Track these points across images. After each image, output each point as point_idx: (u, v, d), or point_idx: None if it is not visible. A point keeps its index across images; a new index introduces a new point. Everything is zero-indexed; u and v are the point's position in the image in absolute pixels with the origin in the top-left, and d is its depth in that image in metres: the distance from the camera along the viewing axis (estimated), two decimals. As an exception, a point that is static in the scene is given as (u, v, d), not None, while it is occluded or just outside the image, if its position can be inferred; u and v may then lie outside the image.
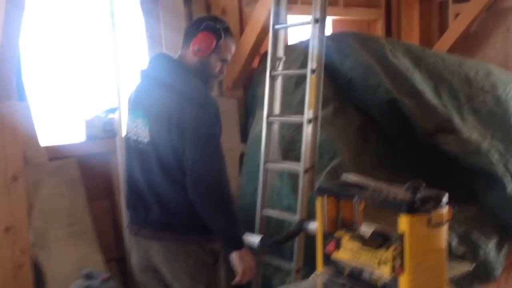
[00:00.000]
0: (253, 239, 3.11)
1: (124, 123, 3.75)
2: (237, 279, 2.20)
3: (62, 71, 3.62)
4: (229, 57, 2.25)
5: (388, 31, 5.17)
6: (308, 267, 2.97)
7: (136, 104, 2.18)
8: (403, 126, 3.48)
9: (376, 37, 4.03)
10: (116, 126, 3.77)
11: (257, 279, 3.28)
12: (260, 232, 3.21)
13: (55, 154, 3.39)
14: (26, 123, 3.25)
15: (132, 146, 2.17)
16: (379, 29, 5.11)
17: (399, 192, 1.85)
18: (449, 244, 2.96)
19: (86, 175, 3.63)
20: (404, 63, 3.62)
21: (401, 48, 3.74)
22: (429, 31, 5.24)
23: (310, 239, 2.95)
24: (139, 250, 2.26)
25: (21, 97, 3.23)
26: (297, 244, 2.98)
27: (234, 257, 2.17)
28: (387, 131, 3.59)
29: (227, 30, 2.22)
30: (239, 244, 2.21)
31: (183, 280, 2.17)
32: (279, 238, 3.03)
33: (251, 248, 3.23)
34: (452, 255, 2.82)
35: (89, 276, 2.98)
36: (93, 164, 3.68)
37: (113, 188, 3.79)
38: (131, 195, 2.22)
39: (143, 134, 2.11)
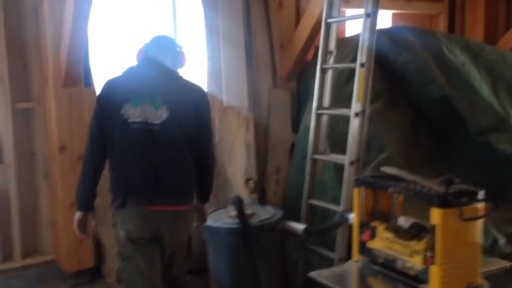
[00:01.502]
0: (298, 227, 3.22)
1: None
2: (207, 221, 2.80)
3: (126, 57, 3.83)
4: None
5: (451, 26, 5.04)
6: (351, 256, 3.03)
7: (140, 93, 2.39)
8: (456, 123, 3.43)
9: (433, 32, 3.97)
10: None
11: (301, 267, 3.38)
12: (305, 221, 3.30)
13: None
14: (91, 107, 3.48)
15: (137, 129, 2.36)
16: (441, 24, 4.99)
17: (434, 185, 1.88)
18: (496, 243, 2.92)
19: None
20: (460, 59, 3.55)
21: (459, 44, 3.66)
22: (495, 27, 5.05)
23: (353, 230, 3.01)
24: (145, 219, 2.40)
25: (87, 82, 3.47)
26: (340, 234, 3.04)
27: (206, 207, 2.74)
28: (439, 128, 3.54)
29: None
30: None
31: (179, 235, 2.52)
32: (322, 228, 3.12)
33: (295, 235, 3.34)
34: (498, 253, 2.78)
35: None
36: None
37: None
38: (136, 171, 2.38)
39: (154, 117, 2.36)
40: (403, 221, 2.14)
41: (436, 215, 1.76)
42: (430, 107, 3.48)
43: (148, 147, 2.35)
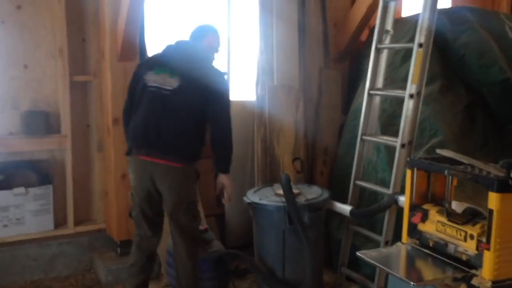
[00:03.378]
0: (345, 208, 3.20)
1: (232, 87, 4.01)
2: (227, 196, 2.94)
3: (179, 33, 3.87)
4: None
5: (514, 7, 4.81)
6: (397, 240, 2.98)
7: (163, 64, 2.82)
8: (516, 109, 3.29)
9: (496, 13, 3.79)
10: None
11: (346, 247, 3.37)
12: (352, 202, 3.27)
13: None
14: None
15: (151, 91, 2.76)
16: (504, 4, 4.77)
17: (493, 169, 1.81)
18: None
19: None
20: (524, 42, 3.39)
21: (523, 25, 3.49)
22: (562, 8, 4.78)
23: (400, 213, 2.96)
24: (144, 169, 2.78)
25: (142, 56, 3.53)
26: (388, 216, 3.00)
27: (223, 178, 2.90)
28: (497, 112, 3.40)
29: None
30: (229, 169, 2.92)
31: (176, 189, 2.76)
32: (370, 209, 3.07)
33: (341, 216, 3.32)
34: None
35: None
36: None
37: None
38: (142, 125, 2.75)
39: (168, 84, 2.74)
40: (456, 206, 2.09)
41: (494, 200, 1.70)
42: (489, 90, 3.34)
43: (157, 107, 2.73)
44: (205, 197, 3.86)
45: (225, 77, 2.90)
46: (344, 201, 3.32)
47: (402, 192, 2.92)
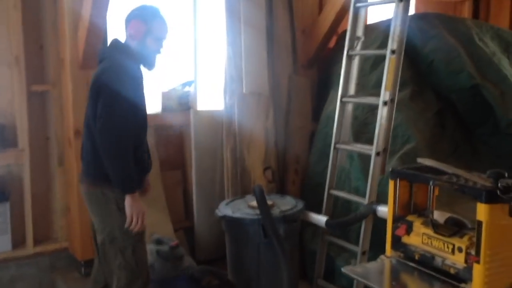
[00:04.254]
0: (320, 218, 3.13)
1: (200, 96, 3.90)
2: (126, 223, 2.33)
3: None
4: (162, 36, 2.49)
5: (476, 14, 4.90)
6: (373, 250, 2.94)
7: None
8: (485, 114, 3.31)
9: (463, 19, 3.83)
10: (191, 99, 3.88)
11: (321, 258, 3.30)
12: (326, 212, 3.21)
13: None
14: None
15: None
16: (466, 11, 4.86)
17: (479, 179, 1.77)
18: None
19: (160, 145, 3.77)
20: (491, 48, 3.42)
21: (489, 31, 3.53)
22: (521, 15, 4.91)
23: (377, 223, 2.91)
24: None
25: (105, 65, 3.36)
26: (364, 226, 2.94)
27: (126, 200, 2.34)
28: (467, 118, 3.42)
29: (153, 15, 2.48)
30: (129, 188, 2.35)
31: (97, 219, 2.46)
32: (347, 219, 3.02)
33: (317, 227, 3.25)
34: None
35: (159, 242, 3.12)
36: (167, 135, 3.81)
37: (185, 160, 3.91)
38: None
39: None
40: (438, 216, 2.05)
41: (483, 211, 1.66)
42: (458, 96, 3.36)
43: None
44: (173, 210, 3.73)
45: (125, 77, 2.36)
46: (317, 211, 3.25)
47: (378, 201, 2.89)
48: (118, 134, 2.27)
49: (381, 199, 2.89)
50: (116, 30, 3.50)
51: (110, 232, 2.38)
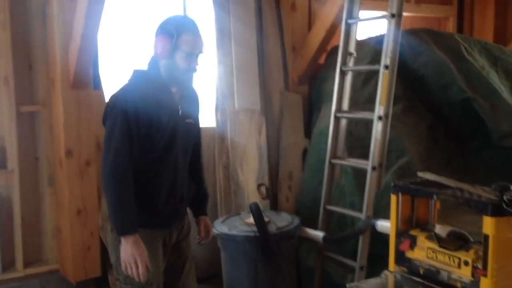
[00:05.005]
0: (317, 234, 3.11)
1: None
2: (122, 269, 2.10)
3: (134, 61, 3.71)
4: (194, 50, 2.16)
5: (460, 29, 4.99)
6: (370, 265, 2.93)
7: None
8: (476, 127, 3.35)
9: (451, 34, 3.90)
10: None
11: (319, 274, 3.27)
12: (322, 228, 3.20)
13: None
14: (100, 111, 3.34)
15: None
16: (450, 27, 4.95)
17: (483, 192, 1.78)
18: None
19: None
20: (479, 62, 3.48)
21: (477, 46, 3.60)
22: (504, 30, 5.01)
23: (373, 238, 2.91)
24: None
25: (96, 85, 3.35)
26: (362, 241, 2.93)
27: (122, 243, 2.09)
28: (459, 132, 3.46)
29: (180, 28, 2.15)
30: (121, 229, 2.09)
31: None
32: (345, 234, 3.01)
33: (313, 243, 3.23)
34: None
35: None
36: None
37: (178, 177, 3.86)
38: None
39: None
40: (440, 229, 2.04)
41: (489, 224, 1.66)
42: (450, 110, 3.40)
43: None
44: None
45: (119, 96, 2.15)
46: (312, 226, 3.25)
47: (375, 215, 2.89)
48: (110, 165, 2.06)
49: (378, 213, 2.89)
50: (107, 50, 3.50)
51: (116, 269, 2.21)
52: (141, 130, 2.10)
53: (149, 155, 2.16)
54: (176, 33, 2.13)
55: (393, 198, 2.03)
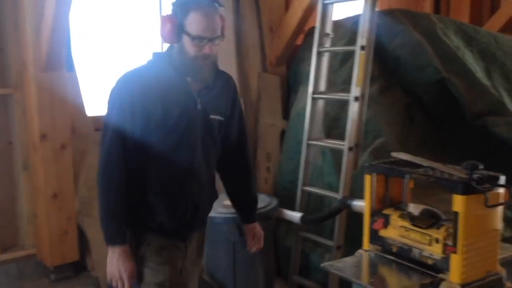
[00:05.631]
0: (295, 215, 3.13)
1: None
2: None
3: (110, 42, 3.65)
4: (204, 33, 1.79)
5: (437, 9, 5.01)
6: (347, 244, 2.97)
7: None
8: (451, 107, 3.39)
9: (427, 15, 3.90)
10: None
11: (297, 255, 3.31)
12: (300, 209, 3.22)
13: (101, 124, 3.42)
14: (74, 93, 3.31)
15: None
16: (427, 6, 4.97)
17: (454, 171, 1.80)
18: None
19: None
20: (455, 42, 3.51)
21: (453, 26, 3.61)
22: (480, 10, 5.05)
23: (350, 217, 2.95)
24: None
25: (70, 67, 3.28)
26: (339, 221, 2.97)
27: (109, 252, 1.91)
28: (434, 112, 3.50)
29: (186, 6, 1.81)
30: (107, 238, 1.89)
31: None
32: (321, 215, 3.03)
33: (291, 223, 3.25)
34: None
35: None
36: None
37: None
38: None
39: None
40: (413, 208, 2.07)
41: (459, 202, 1.69)
42: (426, 90, 3.43)
43: None
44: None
45: (119, 82, 1.90)
46: (290, 207, 3.27)
47: (351, 195, 2.92)
48: (100, 168, 1.87)
49: (354, 193, 2.92)
50: (80, 31, 3.43)
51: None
52: (137, 123, 1.83)
53: (147, 154, 1.88)
54: (181, 12, 1.80)
55: (366, 178, 2.05)
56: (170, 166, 1.91)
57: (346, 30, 3.57)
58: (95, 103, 3.58)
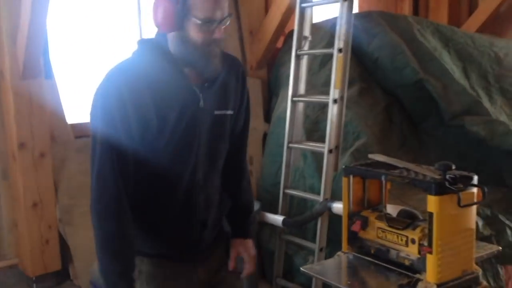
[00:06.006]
0: (277, 218, 3.14)
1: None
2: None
3: (88, 49, 3.63)
4: (214, 14, 1.50)
5: (416, 10, 5.07)
6: (330, 246, 2.98)
7: None
8: (430, 107, 3.43)
9: (404, 16, 3.95)
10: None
11: (280, 257, 3.31)
12: (282, 212, 3.23)
13: (82, 131, 3.42)
14: (53, 100, 3.29)
15: None
16: (406, 7, 5.02)
17: (428, 172, 1.82)
18: (476, 225, 2.93)
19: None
20: (432, 43, 3.55)
21: (430, 27, 3.66)
22: (458, 10, 5.10)
23: (332, 219, 2.96)
24: None
25: (48, 74, 3.26)
26: (320, 223, 2.97)
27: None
28: (413, 112, 3.54)
29: None
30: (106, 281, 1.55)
31: None
32: (303, 217, 3.04)
33: (274, 227, 3.26)
34: (478, 236, 2.79)
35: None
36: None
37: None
38: None
39: None
40: (391, 209, 2.09)
41: (433, 203, 1.70)
42: (404, 91, 3.46)
43: None
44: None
45: (101, 86, 1.55)
46: (274, 211, 3.27)
47: (332, 197, 2.93)
48: (92, 194, 1.56)
49: (336, 195, 2.93)
50: (58, 37, 3.41)
51: None
52: (131, 133, 1.50)
53: (141, 168, 1.56)
54: None
55: (344, 180, 2.05)
56: (168, 181, 1.60)
57: (325, 32, 3.59)
58: (76, 109, 3.56)
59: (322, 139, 3.07)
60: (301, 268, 1.96)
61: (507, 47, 3.78)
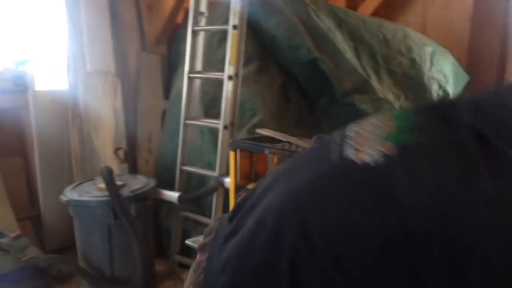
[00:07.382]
0: (172, 194, 3.13)
1: (39, 75, 3.61)
2: None
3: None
4: None
5: (315, -7, 5.18)
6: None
7: None
8: (324, 86, 3.54)
9: (300, -4, 4.02)
10: (28, 79, 3.58)
11: (177, 234, 3.31)
12: (179, 189, 3.22)
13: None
14: None
15: None
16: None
17: (308, 144, 1.90)
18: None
19: (-5, 131, 3.43)
20: (326, 24, 3.65)
21: (325, 9, 3.76)
22: (356, -6, 5.30)
23: (228, 194, 3.00)
24: None
25: None
26: (216, 199, 3.01)
27: None
28: (309, 90, 3.64)
29: None
30: None
31: None
32: (198, 193, 3.06)
33: (169, 204, 3.25)
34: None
35: (-1, 235, 2.86)
36: (3, 119, 3.48)
37: (26, 145, 3.61)
38: None
39: None
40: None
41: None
42: (300, 70, 3.54)
43: None
44: (16, 200, 3.44)
45: None
46: (173, 188, 3.26)
47: (227, 173, 2.96)
48: None
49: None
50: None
51: None
52: None
53: None
54: None
55: (231, 155, 2.09)
56: None
57: (223, 9, 3.57)
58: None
59: (219, 116, 3.08)
60: (186, 242, 1.97)
61: (394, 30, 3.99)
